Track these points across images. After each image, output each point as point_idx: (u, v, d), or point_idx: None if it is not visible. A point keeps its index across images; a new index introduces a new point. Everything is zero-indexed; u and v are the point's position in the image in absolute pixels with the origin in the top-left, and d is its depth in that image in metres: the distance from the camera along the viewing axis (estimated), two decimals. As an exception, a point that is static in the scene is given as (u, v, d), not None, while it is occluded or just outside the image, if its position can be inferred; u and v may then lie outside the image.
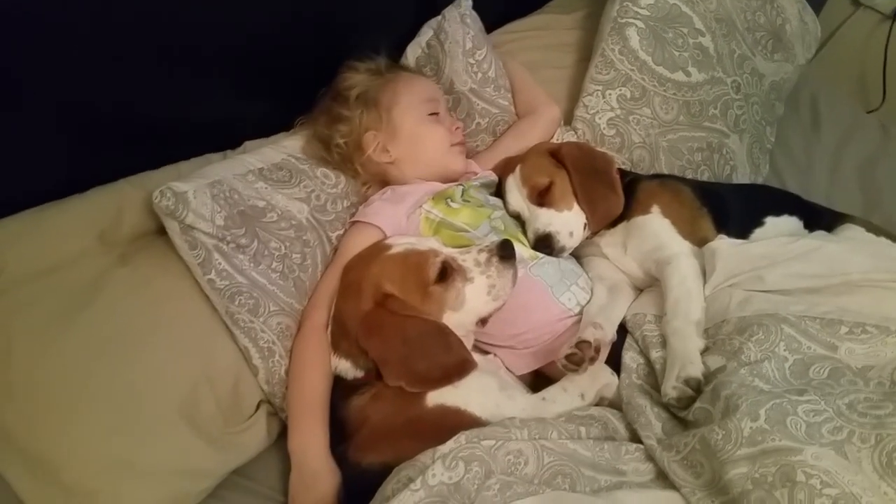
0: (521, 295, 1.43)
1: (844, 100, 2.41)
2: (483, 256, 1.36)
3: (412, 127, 1.62)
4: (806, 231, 1.59)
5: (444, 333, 1.31)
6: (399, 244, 1.39)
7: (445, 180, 1.65)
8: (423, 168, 1.64)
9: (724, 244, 1.44)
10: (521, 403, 1.33)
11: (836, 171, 2.14)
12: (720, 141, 1.85)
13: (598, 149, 1.76)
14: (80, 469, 1.23)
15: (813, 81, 2.33)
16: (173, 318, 1.35)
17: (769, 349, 1.22)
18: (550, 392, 1.36)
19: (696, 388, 1.23)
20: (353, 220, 1.57)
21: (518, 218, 1.61)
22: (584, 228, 1.57)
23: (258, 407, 1.42)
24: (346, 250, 1.49)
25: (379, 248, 1.40)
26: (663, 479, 1.15)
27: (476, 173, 1.70)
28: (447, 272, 1.34)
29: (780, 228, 1.57)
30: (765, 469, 1.02)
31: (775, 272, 1.36)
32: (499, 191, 1.68)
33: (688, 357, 1.27)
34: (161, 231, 1.38)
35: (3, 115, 1.26)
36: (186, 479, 1.31)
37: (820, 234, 1.52)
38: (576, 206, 1.55)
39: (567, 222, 1.55)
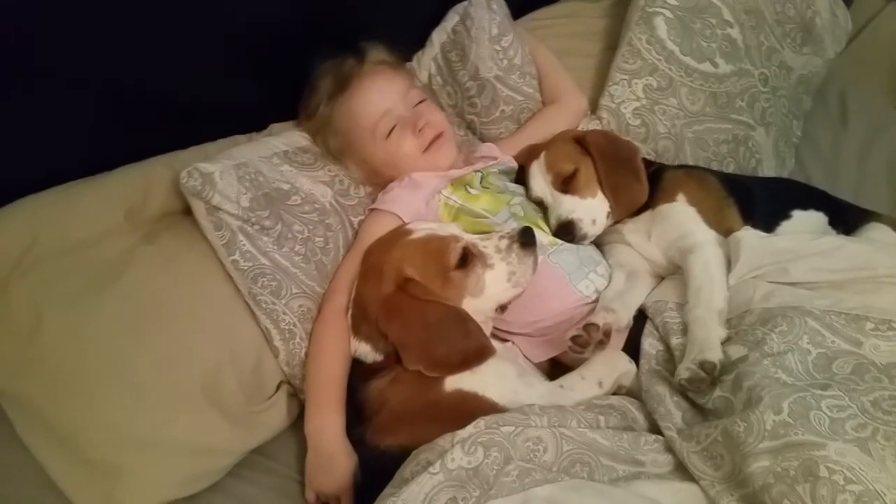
0: (539, 282, 1.43)
1: (874, 95, 2.38)
2: (504, 243, 1.37)
3: (377, 152, 1.59)
4: (831, 228, 1.58)
5: (464, 319, 1.32)
6: (420, 229, 1.39)
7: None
8: (411, 171, 1.61)
9: (749, 234, 1.42)
10: (539, 390, 1.33)
11: (864, 166, 2.11)
12: (746, 133, 1.83)
13: (623, 137, 1.74)
14: (103, 444, 1.25)
15: (842, 76, 2.30)
16: (198, 298, 1.36)
17: (792, 341, 1.21)
18: (568, 380, 1.36)
19: (711, 371, 1.22)
20: (372, 207, 1.58)
21: (540, 204, 1.61)
22: (608, 217, 1.56)
23: (278, 387, 1.44)
24: (365, 237, 1.50)
25: (400, 233, 1.40)
26: (682, 470, 1.14)
27: (496, 157, 1.69)
28: (468, 258, 1.34)
29: (806, 223, 1.56)
30: (787, 463, 1.01)
31: (799, 265, 1.35)
32: (521, 178, 1.68)
33: (707, 343, 1.27)
34: (187, 211, 1.40)
35: (35, 92, 1.27)
36: (208, 457, 1.33)
37: (842, 236, 1.51)
38: (599, 194, 1.54)
39: (590, 210, 1.54)
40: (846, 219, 1.60)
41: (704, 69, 1.76)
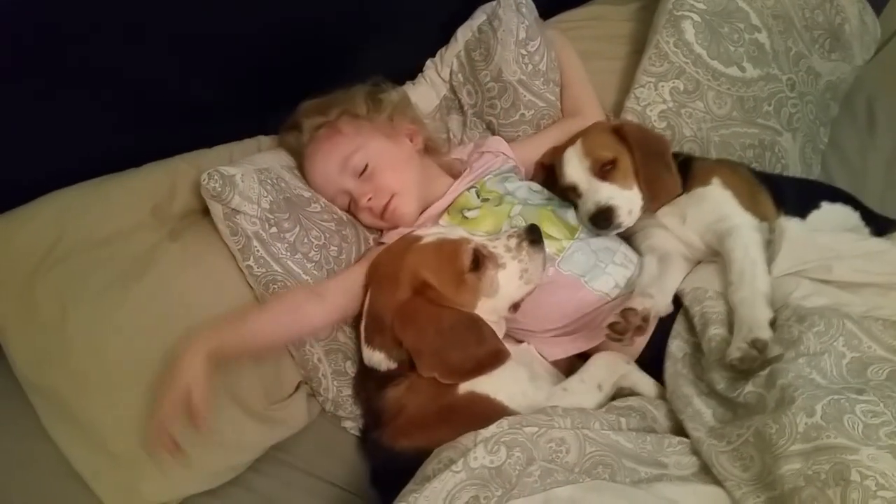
0: (554, 293, 1.44)
1: (904, 102, 2.36)
2: (513, 242, 1.37)
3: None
4: (862, 223, 1.58)
5: (478, 325, 1.32)
6: (429, 234, 1.39)
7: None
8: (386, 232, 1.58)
9: (792, 225, 1.40)
10: (546, 393, 1.33)
11: (891, 175, 2.10)
12: (773, 139, 1.81)
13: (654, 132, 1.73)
14: (126, 437, 1.25)
15: (870, 83, 2.27)
16: (219, 295, 1.37)
17: (828, 342, 1.19)
18: (570, 383, 1.36)
19: (762, 350, 1.20)
20: (380, 241, 1.57)
21: (573, 190, 1.56)
22: (640, 209, 1.53)
23: (298, 386, 1.45)
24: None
25: (410, 240, 1.39)
26: (705, 473, 1.14)
27: (502, 153, 1.67)
28: (479, 259, 1.34)
29: (836, 214, 1.56)
30: (818, 466, 1.00)
31: (843, 265, 1.33)
32: (544, 179, 1.66)
33: (756, 322, 1.25)
34: (209, 211, 1.40)
35: (63, 90, 1.28)
36: (229, 452, 1.33)
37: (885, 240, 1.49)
38: (635, 187, 1.52)
39: (629, 200, 1.51)
40: (877, 222, 1.58)
41: (732, 73, 1.75)
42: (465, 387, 1.29)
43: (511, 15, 1.72)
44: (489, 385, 1.29)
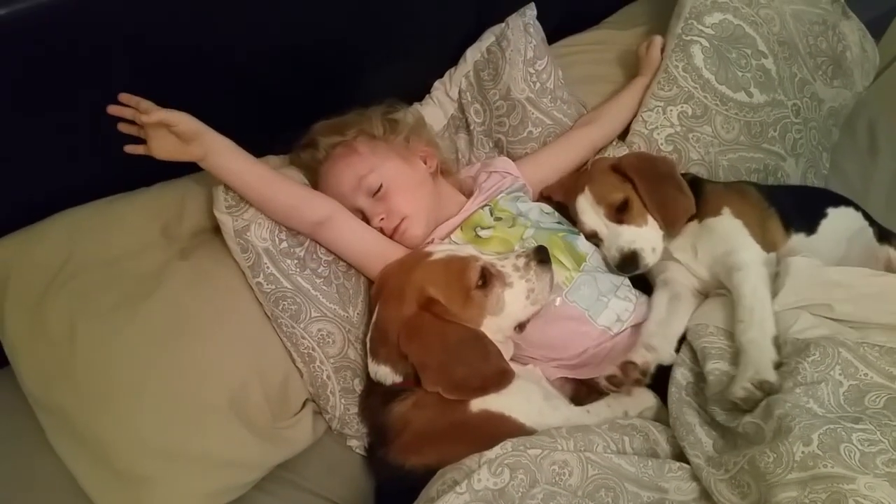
0: (559, 323, 1.45)
1: (905, 126, 2.37)
2: (521, 261, 1.38)
3: None
4: (867, 223, 1.61)
5: (483, 342, 1.33)
6: (439, 251, 1.40)
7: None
8: None
9: (801, 262, 1.40)
10: (566, 413, 1.34)
11: (893, 198, 2.11)
12: (777, 164, 1.83)
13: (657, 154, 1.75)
14: (132, 455, 1.26)
15: (872, 108, 2.30)
16: (228, 314, 1.38)
17: (825, 371, 1.20)
18: (595, 406, 1.37)
19: (768, 391, 1.21)
20: None
21: (594, 237, 1.59)
22: (663, 240, 1.55)
23: (304, 405, 1.45)
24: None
25: (420, 256, 1.41)
26: (706, 499, 1.15)
27: (510, 173, 1.68)
28: (487, 277, 1.35)
29: (843, 218, 1.60)
30: (815, 495, 1.00)
31: (847, 307, 1.33)
32: (563, 213, 1.66)
33: (763, 365, 1.25)
34: (219, 230, 1.41)
35: (74, 108, 1.29)
36: (234, 470, 1.33)
37: None
38: (651, 220, 1.54)
39: (649, 238, 1.53)
40: (878, 226, 1.62)
41: (740, 98, 1.77)
42: (478, 404, 1.29)
43: (519, 35, 1.75)
44: (503, 403, 1.30)
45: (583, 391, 1.49)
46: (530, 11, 1.79)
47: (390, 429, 1.32)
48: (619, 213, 1.55)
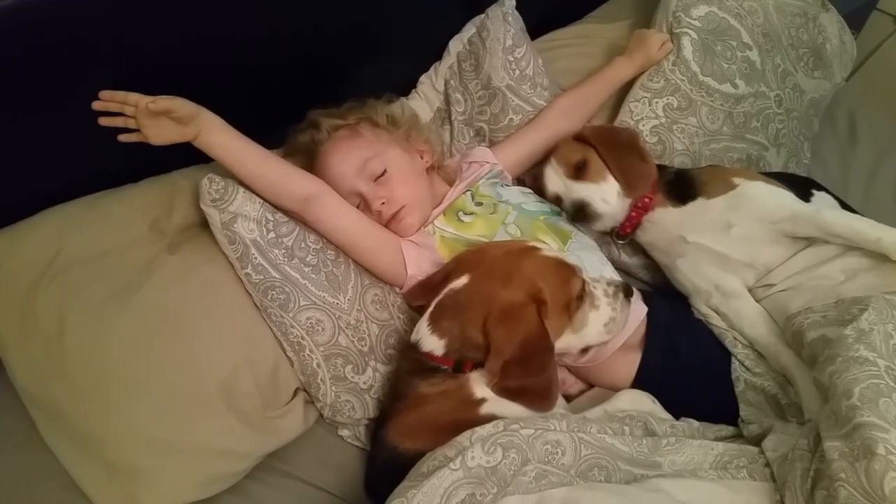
0: None
1: (882, 117, 2.41)
2: (612, 289, 1.37)
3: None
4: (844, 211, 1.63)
5: (549, 358, 1.28)
6: (547, 248, 1.37)
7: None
8: None
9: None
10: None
11: (872, 186, 2.15)
12: (759, 153, 1.86)
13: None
14: (124, 447, 1.26)
15: (851, 98, 2.34)
16: (216, 306, 1.38)
17: (879, 325, 1.22)
18: (592, 412, 1.37)
19: None
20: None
21: (558, 202, 1.65)
22: (619, 196, 1.61)
23: (295, 394, 1.46)
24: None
25: (527, 246, 1.37)
26: (699, 470, 1.17)
27: (488, 162, 1.70)
28: (583, 293, 1.33)
29: (826, 202, 1.64)
30: (853, 443, 1.05)
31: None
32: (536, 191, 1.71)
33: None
34: (207, 224, 1.41)
35: (63, 106, 1.30)
36: (225, 460, 1.34)
37: None
38: (610, 178, 1.61)
39: (600, 190, 1.60)
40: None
41: (724, 90, 1.80)
42: (488, 409, 1.27)
43: (498, 24, 1.77)
44: (510, 409, 1.27)
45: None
46: (509, 1, 1.81)
47: (401, 399, 1.31)
48: (578, 171, 1.62)
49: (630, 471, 1.15)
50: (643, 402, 1.40)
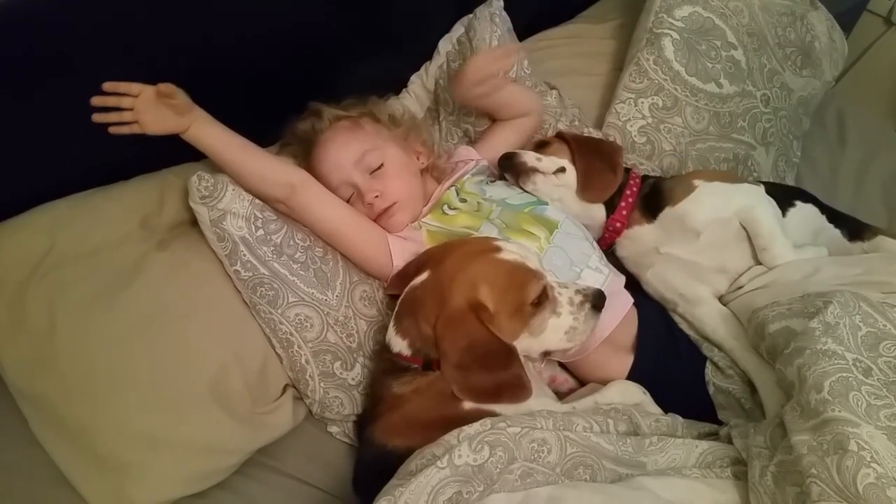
0: None
1: (872, 116, 2.43)
2: (578, 298, 1.34)
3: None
4: (831, 225, 1.64)
5: (512, 357, 1.28)
6: (510, 251, 1.34)
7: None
8: None
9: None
10: (553, 410, 1.32)
11: (861, 186, 2.16)
12: (747, 153, 1.87)
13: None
14: (114, 442, 1.27)
15: (841, 97, 2.36)
16: (207, 301, 1.39)
17: (845, 316, 1.22)
18: (581, 404, 1.38)
19: None
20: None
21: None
22: (563, 171, 1.60)
23: (284, 390, 1.46)
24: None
25: (488, 246, 1.36)
26: (682, 469, 1.18)
27: (472, 160, 1.71)
28: (542, 298, 1.32)
29: (808, 212, 1.63)
30: (822, 437, 1.05)
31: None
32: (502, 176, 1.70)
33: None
34: (196, 221, 1.42)
35: (55, 103, 1.30)
36: (214, 455, 1.35)
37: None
38: (566, 162, 1.61)
39: (550, 162, 1.60)
40: (848, 225, 1.65)
41: (709, 89, 1.81)
42: (471, 403, 1.27)
43: (485, 25, 1.78)
44: (496, 405, 1.28)
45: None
46: (497, 2, 1.82)
47: (381, 403, 1.32)
48: (539, 148, 1.64)
49: (615, 470, 1.16)
50: (634, 394, 1.41)
